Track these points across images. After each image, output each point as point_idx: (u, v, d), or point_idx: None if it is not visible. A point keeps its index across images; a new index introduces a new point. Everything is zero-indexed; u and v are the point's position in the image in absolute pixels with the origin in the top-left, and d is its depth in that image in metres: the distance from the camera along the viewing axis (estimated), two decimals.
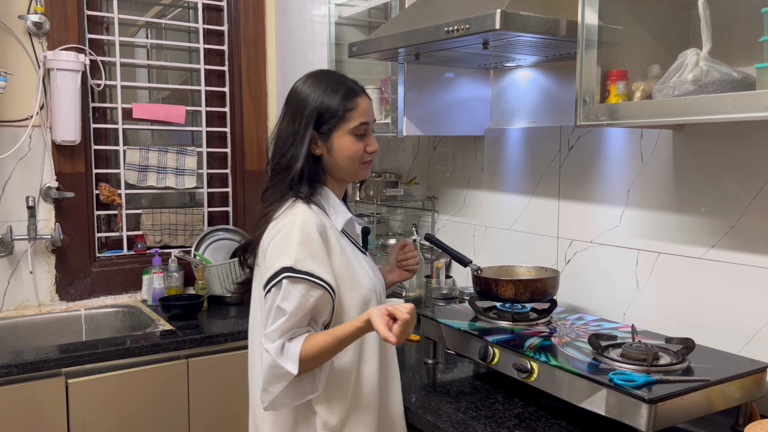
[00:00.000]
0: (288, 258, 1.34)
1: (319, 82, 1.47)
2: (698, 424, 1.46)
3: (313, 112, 1.43)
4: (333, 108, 1.44)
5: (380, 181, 2.50)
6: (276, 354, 1.32)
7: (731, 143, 1.59)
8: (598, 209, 1.94)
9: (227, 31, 3.00)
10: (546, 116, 2.12)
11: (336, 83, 1.46)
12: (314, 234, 1.37)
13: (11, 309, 2.55)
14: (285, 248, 1.35)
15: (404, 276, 1.73)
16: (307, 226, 1.37)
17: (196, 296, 2.60)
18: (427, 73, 2.20)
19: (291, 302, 1.33)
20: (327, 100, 1.44)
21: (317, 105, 1.43)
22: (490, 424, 1.50)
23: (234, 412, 2.34)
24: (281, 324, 1.33)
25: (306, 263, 1.34)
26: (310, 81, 1.48)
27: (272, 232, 1.40)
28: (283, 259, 1.34)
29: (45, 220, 2.58)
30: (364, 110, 1.47)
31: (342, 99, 1.44)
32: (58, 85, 2.49)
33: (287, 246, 1.35)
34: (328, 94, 1.44)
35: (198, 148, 2.96)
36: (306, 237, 1.36)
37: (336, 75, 1.50)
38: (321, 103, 1.43)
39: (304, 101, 1.45)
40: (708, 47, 1.33)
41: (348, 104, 1.45)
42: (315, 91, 1.45)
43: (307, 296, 1.34)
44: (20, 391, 1.98)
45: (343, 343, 1.36)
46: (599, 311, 1.93)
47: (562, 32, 1.59)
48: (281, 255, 1.35)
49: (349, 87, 1.47)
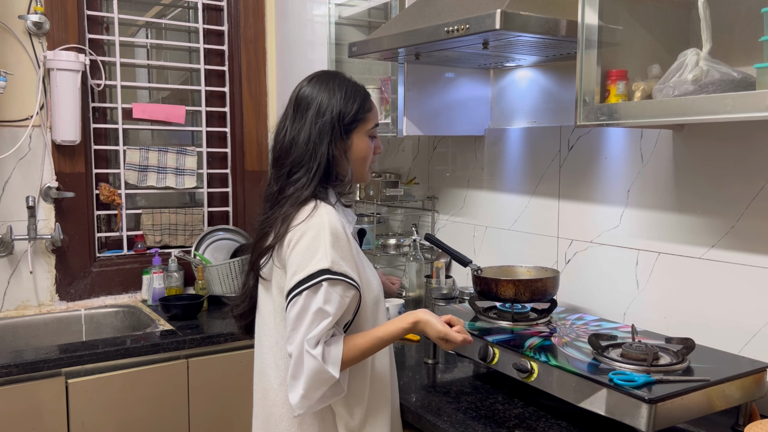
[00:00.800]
0: (324, 260, 1.33)
1: (334, 84, 1.47)
2: (698, 424, 1.46)
3: (338, 114, 1.44)
4: (354, 110, 1.46)
5: (380, 181, 2.50)
6: (322, 359, 1.31)
7: (731, 143, 1.59)
8: (598, 209, 1.94)
9: (227, 31, 3.00)
10: (546, 116, 2.12)
11: (353, 86, 1.49)
12: (342, 235, 1.37)
13: (11, 309, 2.55)
14: (317, 250, 1.34)
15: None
16: (335, 227, 1.36)
17: (196, 296, 2.60)
18: (427, 73, 2.20)
19: (333, 304, 1.33)
20: (349, 102, 1.45)
21: (341, 107, 1.44)
22: (490, 424, 1.50)
23: (234, 412, 2.34)
24: (325, 327, 1.32)
25: (341, 265, 1.34)
26: (322, 83, 1.47)
27: (296, 235, 1.37)
28: (319, 262, 1.33)
29: (45, 220, 2.59)
30: (376, 112, 1.52)
31: (362, 101, 1.47)
32: (58, 85, 2.49)
33: (320, 247, 1.34)
34: (350, 97, 1.46)
35: (198, 148, 2.96)
36: (336, 239, 1.36)
37: (347, 76, 1.52)
38: (345, 105, 1.45)
39: (323, 103, 1.44)
40: (708, 47, 1.33)
41: (366, 105, 1.48)
42: (335, 93, 1.46)
43: (344, 297, 1.35)
44: (20, 391, 1.98)
45: (385, 344, 1.39)
46: (599, 311, 1.93)
47: (562, 32, 1.59)
48: (314, 257, 1.34)
49: (364, 89, 1.51)
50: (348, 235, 1.41)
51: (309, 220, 1.37)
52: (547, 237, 2.11)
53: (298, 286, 1.34)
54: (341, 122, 1.44)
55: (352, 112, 1.45)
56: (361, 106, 1.47)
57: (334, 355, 1.33)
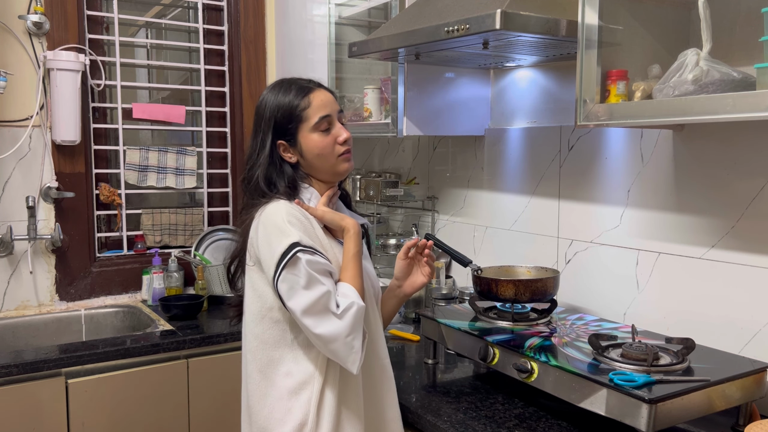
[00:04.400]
0: (291, 236, 1.35)
1: (273, 90, 1.49)
2: (698, 424, 1.46)
3: (270, 119, 1.46)
4: (288, 111, 1.45)
5: (380, 181, 2.50)
6: (347, 306, 1.35)
7: (731, 143, 1.59)
8: (598, 209, 1.94)
9: (227, 31, 3.00)
10: (546, 116, 2.12)
11: (286, 86, 1.48)
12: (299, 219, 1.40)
13: (11, 309, 2.55)
14: (282, 230, 1.36)
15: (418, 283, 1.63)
16: (290, 212, 1.39)
17: (196, 296, 2.60)
18: (427, 73, 2.20)
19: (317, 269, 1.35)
20: (280, 104, 1.46)
21: (272, 112, 1.46)
22: (490, 424, 1.50)
23: (234, 412, 2.33)
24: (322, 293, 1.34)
25: (308, 240, 1.37)
26: (266, 91, 1.51)
27: (258, 228, 1.41)
28: (287, 239, 1.35)
29: (45, 220, 2.58)
30: (320, 104, 1.46)
31: (293, 99, 1.45)
32: (58, 85, 2.49)
33: (283, 229, 1.36)
34: (280, 99, 1.46)
35: (198, 148, 2.96)
36: (293, 221, 1.38)
37: (288, 79, 1.52)
38: (275, 108, 1.46)
39: (261, 111, 1.49)
40: (708, 47, 1.33)
41: (301, 103, 1.45)
42: (269, 99, 1.48)
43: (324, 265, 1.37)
44: (20, 391, 1.98)
45: (357, 258, 1.43)
46: (599, 311, 1.93)
47: (562, 32, 1.59)
48: (281, 236, 1.36)
49: (299, 86, 1.48)
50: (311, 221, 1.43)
51: (261, 212, 1.42)
52: (547, 237, 2.11)
53: (278, 265, 1.35)
54: (281, 127, 1.46)
55: (286, 116, 1.45)
56: (295, 106, 1.45)
57: (344, 293, 1.38)
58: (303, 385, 1.40)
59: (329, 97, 1.49)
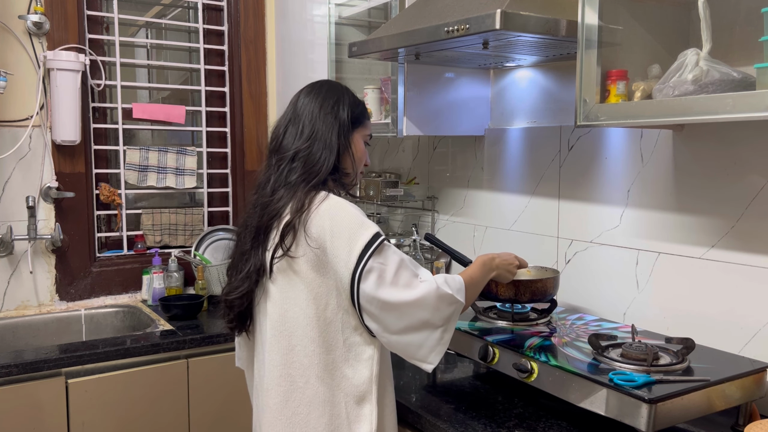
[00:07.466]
0: (371, 227, 1.39)
1: (342, 88, 1.56)
2: (698, 424, 1.46)
3: (349, 110, 1.51)
4: (360, 111, 1.54)
5: (380, 181, 2.50)
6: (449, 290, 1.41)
7: (731, 143, 1.59)
8: (598, 209, 1.94)
9: (227, 31, 3.00)
10: (546, 116, 2.12)
11: (353, 94, 1.57)
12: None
13: (11, 309, 2.55)
14: (362, 222, 1.39)
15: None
16: (355, 207, 1.44)
17: (196, 296, 2.60)
18: (427, 73, 2.20)
19: (406, 256, 1.42)
20: (359, 102, 1.56)
21: (352, 102, 1.53)
22: (490, 424, 1.50)
23: (234, 412, 2.34)
24: (422, 270, 1.42)
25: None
26: (332, 85, 1.56)
27: (326, 222, 1.37)
28: (367, 230, 1.38)
29: (45, 220, 2.59)
30: (370, 124, 1.61)
31: (363, 108, 1.57)
32: (58, 85, 2.49)
33: (363, 221, 1.39)
34: (356, 100, 1.55)
35: (198, 148, 2.96)
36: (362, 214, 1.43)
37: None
38: (355, 102, 1.54)
39: (336, 99, 1.51)
40: (708, 47, 1.33)
41: (367, 113, 1.58)
42: (345, 94, 1.54)
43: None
44: (20, 391, 1.98)
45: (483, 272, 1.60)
46: (599, 311, 1.93)
47: (562, 32, 1.59)
48: (361, 228, 1.37)
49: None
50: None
51: (320, 206, 1.39)
52: (547, 237, 2.11)
53: (362, 257, 1.34)
54: (350, 118, 1.51)
55: (357, 112, 1.53)
56: (363, 111, 1.56)
57: (454, 280, 1.45)
58: (362, 385, 1.41)
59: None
